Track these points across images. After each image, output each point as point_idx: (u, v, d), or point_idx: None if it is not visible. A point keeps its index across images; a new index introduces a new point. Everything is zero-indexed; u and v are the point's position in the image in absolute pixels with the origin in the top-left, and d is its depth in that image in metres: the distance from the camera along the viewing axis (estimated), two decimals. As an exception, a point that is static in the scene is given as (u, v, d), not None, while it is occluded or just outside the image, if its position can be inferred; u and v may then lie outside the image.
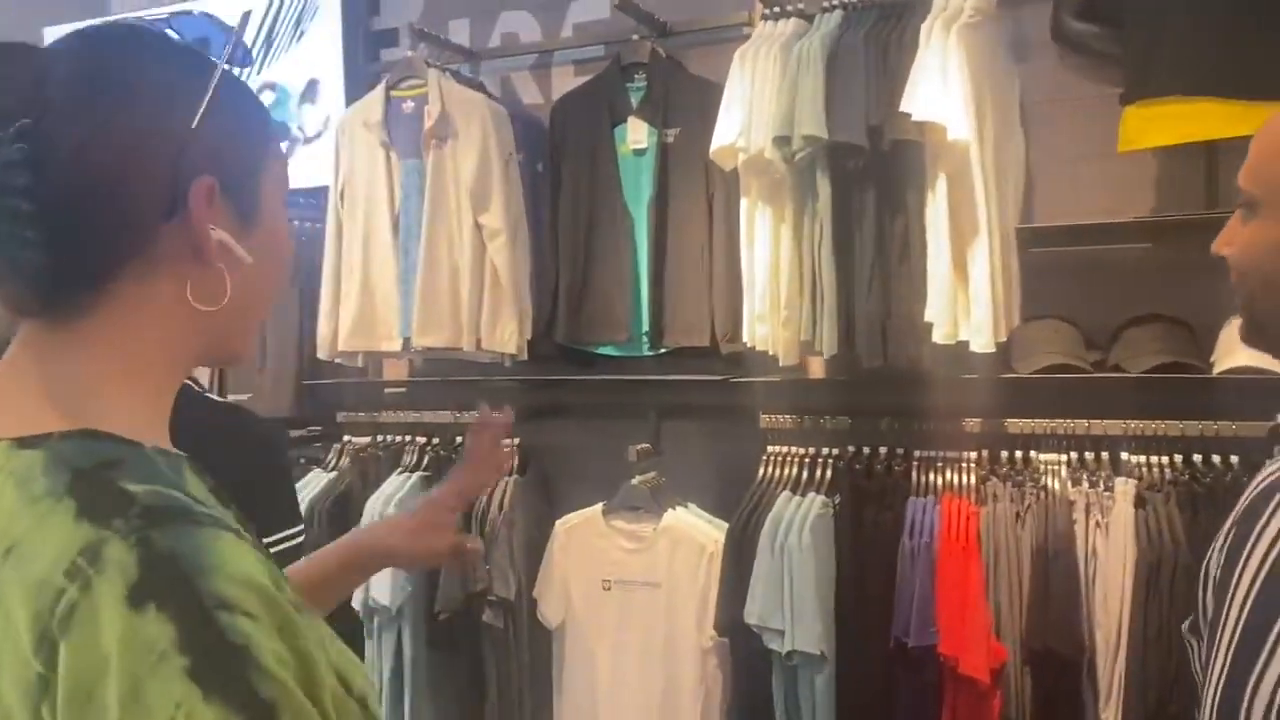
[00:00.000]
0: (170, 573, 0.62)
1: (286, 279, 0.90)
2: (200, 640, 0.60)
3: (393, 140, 2.98)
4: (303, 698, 0.63)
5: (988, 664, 2.23)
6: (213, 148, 0.73)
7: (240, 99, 0.78)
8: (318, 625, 0.69)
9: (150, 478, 0.68)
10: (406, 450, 3.07)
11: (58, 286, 0.71)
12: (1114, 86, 2.49)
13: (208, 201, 0.73)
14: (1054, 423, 2.43)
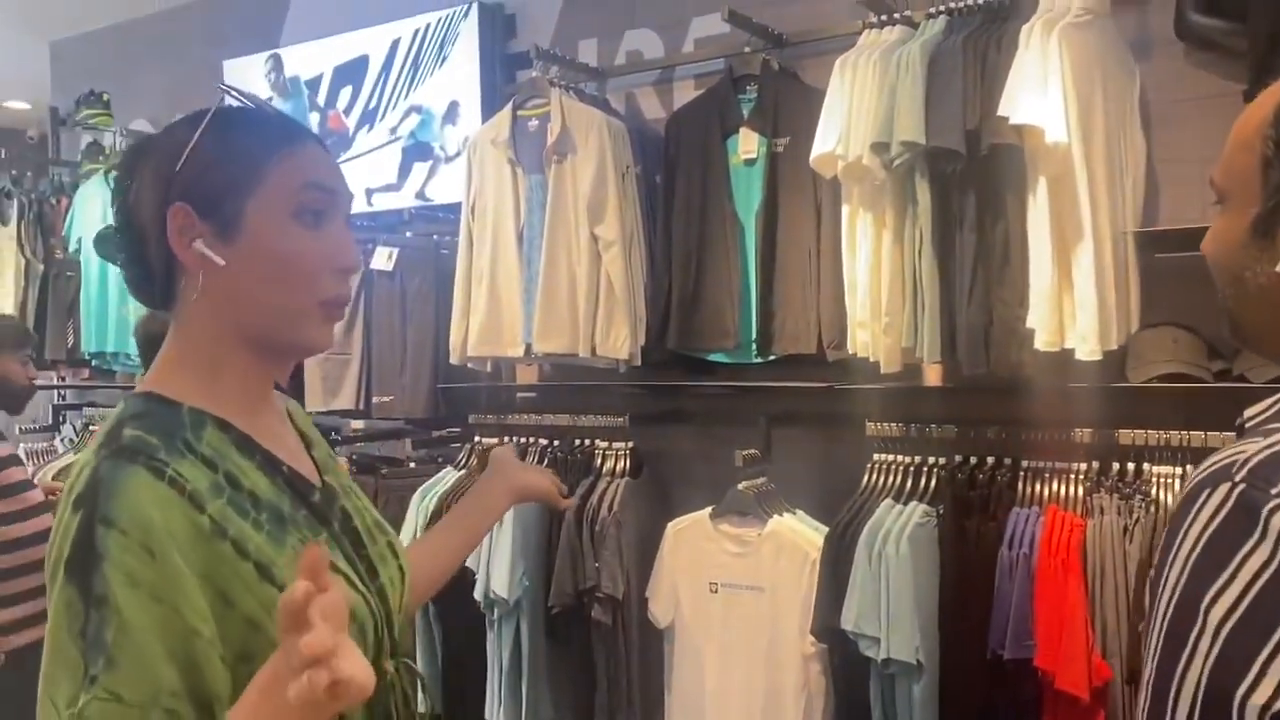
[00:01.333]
0: (93, 491, 0.88)
1: (297, 280, 1.01)
2: (81, 540, 0.86)
3: (519, 157, 3.14)
4: (142, 600, 0.84)
5: (1088, 680, 2.16)
6: (189, 182, 0.98)
7: (223, 144, 0.99)
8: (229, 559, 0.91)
9: (151, 428, 0.94)
10: (529, 450, 3.21)
11: (139, 294, 1.05)
12: (1241, 83, 2.38)
13: (186, 221, 0.98)
14: (1168, 434, 2.32)
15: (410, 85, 3.80)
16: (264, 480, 1.00)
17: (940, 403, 2.70)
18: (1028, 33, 2.26)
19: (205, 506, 0.92)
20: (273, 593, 0.91)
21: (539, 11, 3.64)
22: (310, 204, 1.01)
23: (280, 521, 0.98)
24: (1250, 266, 0.89)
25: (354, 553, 1.06)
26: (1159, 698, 0.76)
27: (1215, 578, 0.73)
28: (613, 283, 2.98)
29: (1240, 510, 0.74)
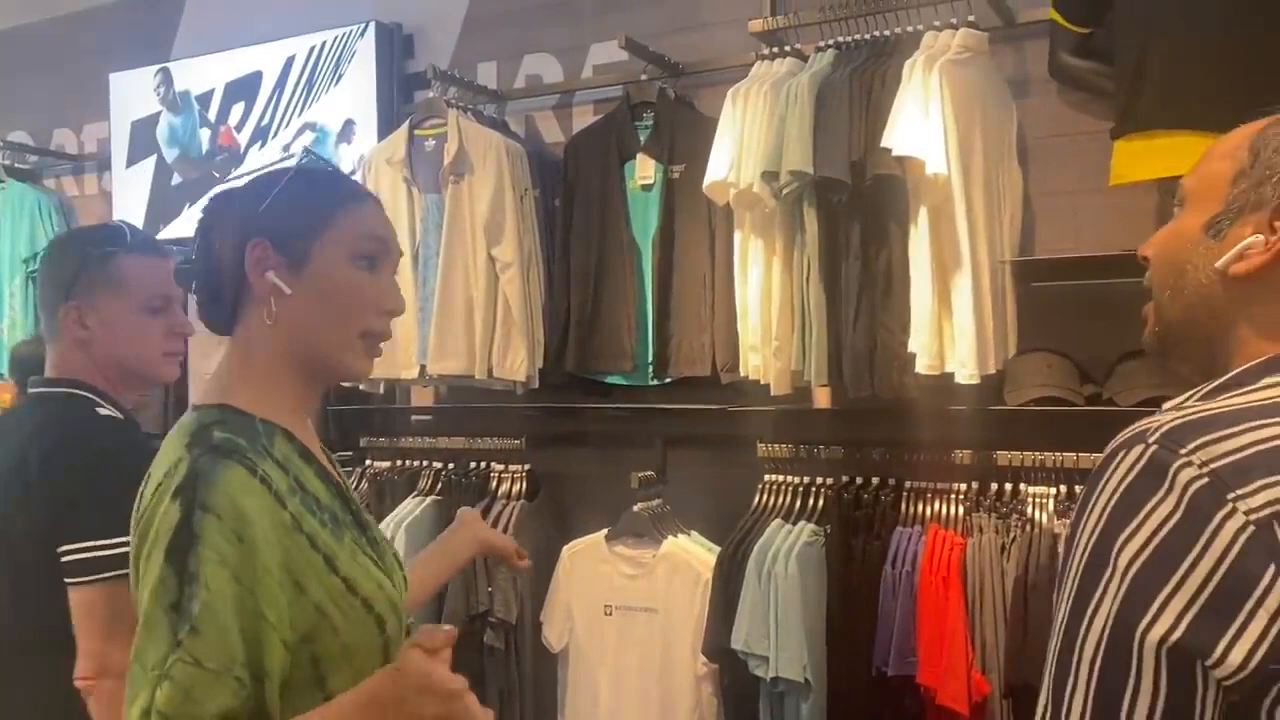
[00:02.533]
0: (192, 482, 1.02)
1: (349, 313, 1.17)
2: (181, 524, 1.00)
3: (415, 177, 3.12)
4: (226, 579, 0.99)
5: (968, 696, 2.23)
6: (271, 222, 1.15)
7: (302, 189, 1.18)
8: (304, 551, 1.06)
9: (235, 431, 1.09)
10: (423, 474, 3.17)
11: (208, 316, 1.21)
12: (1110, 122, 2.51)
13: (263, 254, 1.14)
14: (1043, 455, 2.42)
15: (305, 103, 3.75)
16: (320, 485, 1.16)
17: (828, 425, 2.76)
18: (910, 67, 2.34)
19: (286, 504, 1.07)
20: (336, 582, 1.08)
21: (438, 33, 3.63)
22: (366, 250, 1.17)
23: (337, 522, 1.14)
24: (1194, 261, 0.94)
25: (377, 553, 1.19)
26: (1069, 637, 0.81)
27: (1126, 526, 0.79)
28: (510, 304, 2.98)
29: (1152, 468, 0.80)
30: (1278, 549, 0.74)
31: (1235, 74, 2.15)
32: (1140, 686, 0.76)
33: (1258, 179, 0.90)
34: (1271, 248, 0.88)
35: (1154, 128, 2.27)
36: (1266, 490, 0.75)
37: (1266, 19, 2.17)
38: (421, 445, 3.27)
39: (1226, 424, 0.80)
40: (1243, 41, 2.17)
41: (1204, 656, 0.74)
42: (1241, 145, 0.93)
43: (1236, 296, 0.91)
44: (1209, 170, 0.96)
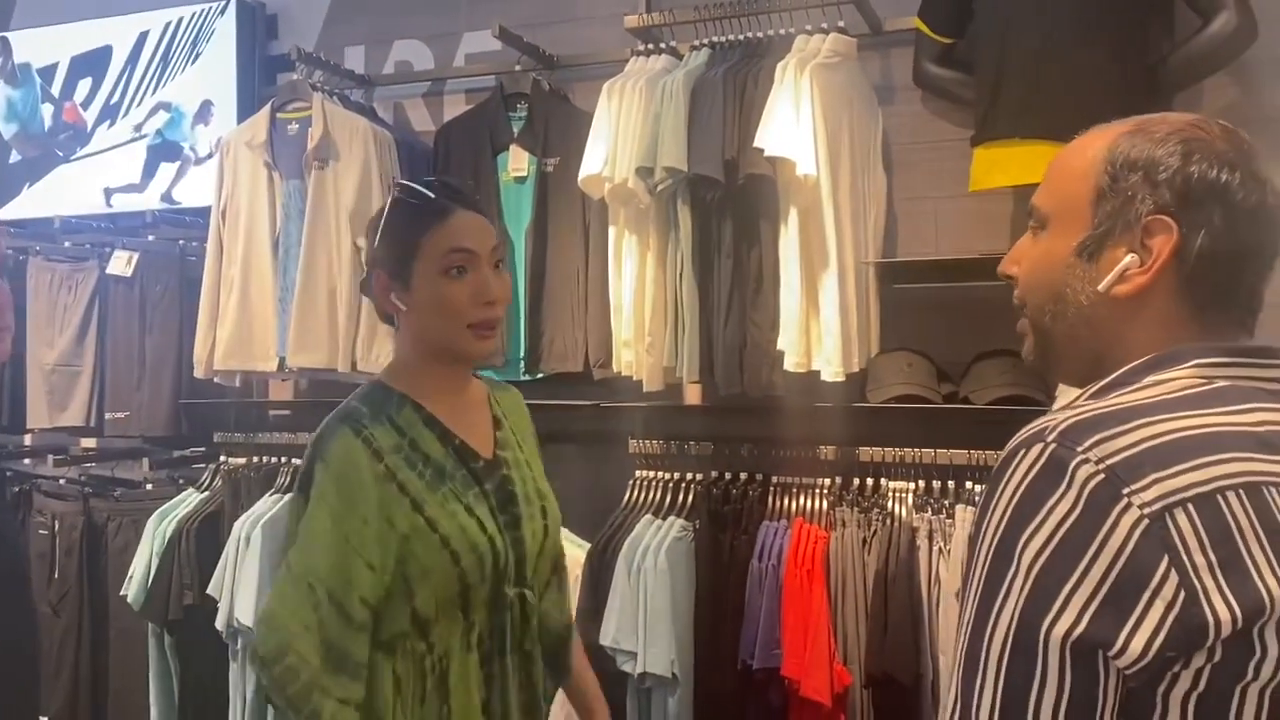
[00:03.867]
0: (320, 439, 1.38)
1: (448, 315, 1.41)
2: (307, 469, 1.37)
3: (276, 162, 3.00)
4: (323, 513, 1.33)
5: (830, 687, 2.27)
6: (382, 255, 1.44)
7: (395, 223, 1.43)
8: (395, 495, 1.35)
9: (367, 402, 1.42)
10: (281, 471, 3.05)
11: (382, 319, 1.53)
12: (970, 130, 2.60)
13: (383, 282, 1.43)
14: (903, 451, 2.49)
15: (158, 81, 3.56)
16: (438, 446, 1.43)
17: (699, 421, 2.78)
18: (782, 70, 2.38)
19: (384, 458, 1.36)
20: (420, 520, 1.36)
21: (303, 14, 3.51)
22: (453, 263, 1.39)
23: (440, 476, 1.41)
24: (1072, 285, 0.95)
25: (499, 506, 1.44)
26: (976, 634, 0.82)
27: (1028, 524, 0.81)
28: (375, 296, 2.89)
29: (1051, 466, 0.81)
30: (1171, 541, 0.76)
31: (1086, 87, 2.26)
32: (1046, 680, 0.78)
33: (1122, 200, 0.91)
34: (1150, 268, 0.90)
35: (1011, 136, 2.36)
36: (1158, 484, 0.78)
37: (1111, 44, 2.29)
38: (281, 441, 3.14)
39: (1119, 421, 0.82)
40: (1092, 58, 2.28)
41: (1106, 647, 0.76)
42: (1095, 165, 0.94)
43: (1119, 315, 0.93)
44: (1065, 191, 0.96)
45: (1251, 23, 2.25)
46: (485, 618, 1.41)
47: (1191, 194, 0.88)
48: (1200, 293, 0.90)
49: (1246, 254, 0.89)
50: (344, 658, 1.29)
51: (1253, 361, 0.89)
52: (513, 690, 1.41)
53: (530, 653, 1.46)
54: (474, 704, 1.39)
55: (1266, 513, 0.79)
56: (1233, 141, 0.90)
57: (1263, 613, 0.76)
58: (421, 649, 1.36)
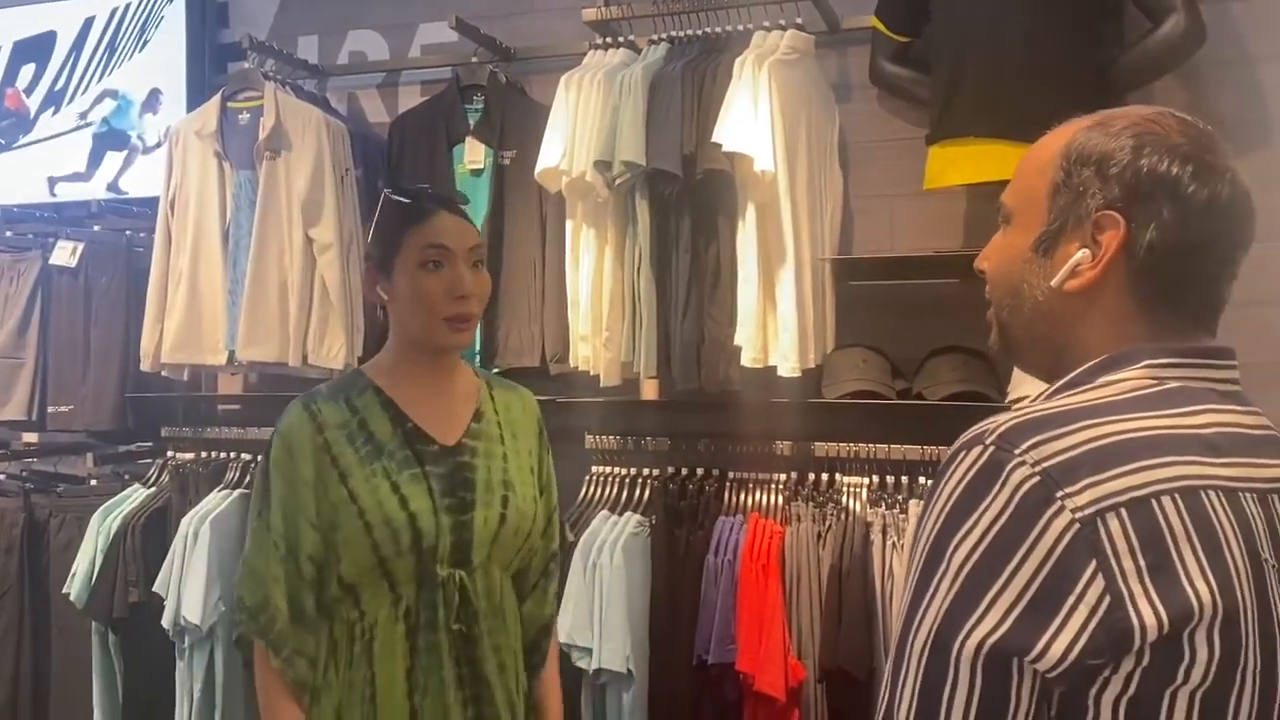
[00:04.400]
0: (283, 415, 1.54)
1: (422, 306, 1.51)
2: (271, 439, 1.52)
3: (227, 151, 2.94)
4: (276, 476, 1.48)
5: (784, 682, 2.28)
6: (372, 248, 1.60)
7: (383, 219, 1.56)
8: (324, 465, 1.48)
9: (334, 384, 1.60)
10: (230, 467, 3.00)
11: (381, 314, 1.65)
12: (925, 129, 2.62)
13: (371, 274, 1.58)
14: (857, 446, 2.51)
15: (105, 68, 3.48)
16: (387, 427, 1.53)
17: (655, 416, 2.78)
18: (740, 65, 2.38)
19: (325, 432, 1.50)
20: (344, 491, 1.47)
21: (255, 2, 3.45)
22: (431, 257, 1.50)
23: (378, 453, 1.50)
24: (1029, 280, 0.95)
25: (445, 489, 1.52)
26: (905, 633, 0.82)
27: (961, 525, 0.80)
28: (328, 288, 2.85)
29: (988, 468, 0.81)
30: (1100, 545, 0.76)
31: (1040, 87, 2.29)
32: (958, 682, 0.78)
33: (1074, 195, 0.91)
34: (1100, 261, 0.90)
35: (966, 135, 2.38)
36: (1092, 488, 0.78)
37: (1064, 44, 2.31)
38: (229, 436, 3.09)
39: (1060, 423, 0.82)
40: (1046, 59, 2.31)
41: (1023, 654, 0.76)
42: (1052, 160, 0.94)
43: (1072, 309, 0.93)
44: (1026, 186, 0.97)
45: (1200, 26, 2.29)
46: (413, 593, 1.48)
47: (1141, 188, 0.88)
48: (1151, 288, 0.89)
49: (1199, 248, 0.88)
50: (301, 610, 1.46)
51: (1205, 362, 0.89)
52: (447, 666, 1.47)
53: (471, 634, 1.50)
54: (398, 673, 1.46)
55: (1202, 517, 0.79)
56: (1190, 134, 0.89)
57: (1191, 617, 0.76)
58: (354, 615, 1.48)
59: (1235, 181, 0.89)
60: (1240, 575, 0.79)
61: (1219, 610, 0.77)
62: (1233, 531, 0.80)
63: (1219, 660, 0.77)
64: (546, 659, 1.70)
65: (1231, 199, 0.88)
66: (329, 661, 1.47)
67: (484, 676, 1.50)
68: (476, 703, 1.50)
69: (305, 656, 1.45)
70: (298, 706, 1.45)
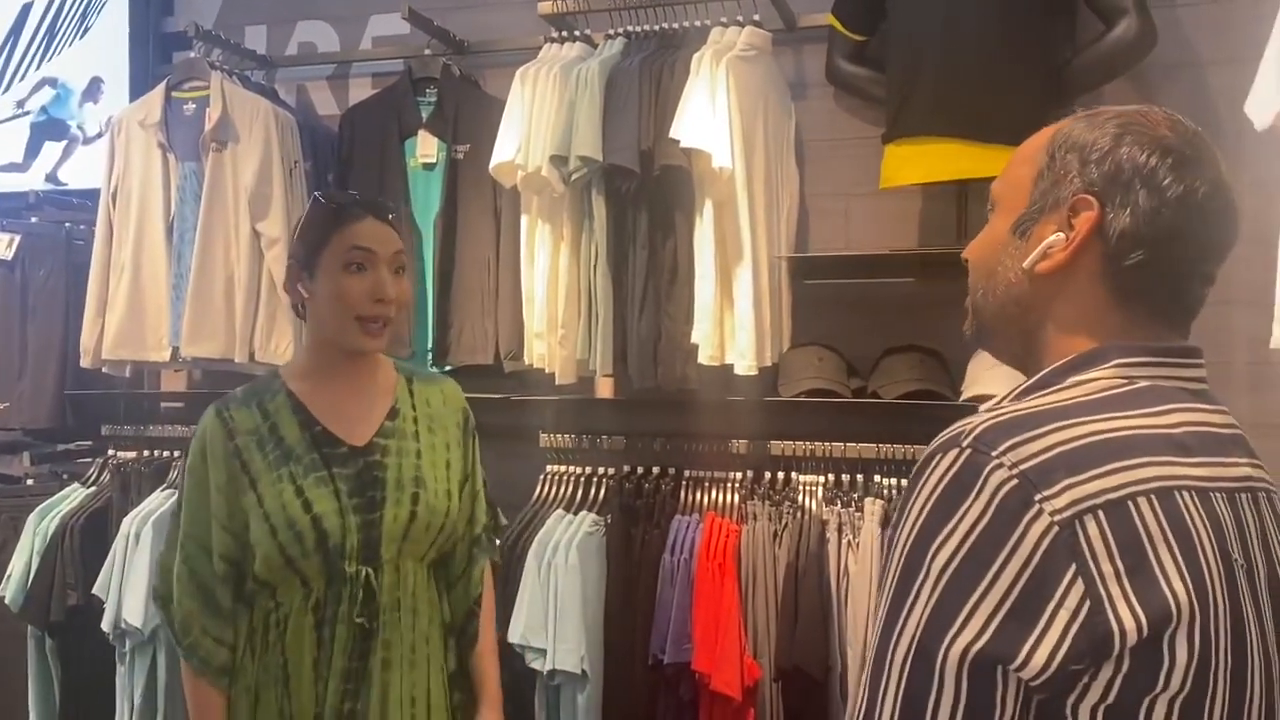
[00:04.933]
0: (201, 419, 1.59)
1: (341, 306, 1.55)
2: (189, 445, 1.60)
3: (171, 142, 2.87)
4: (190, 480, 1.56)
5: (740, 681, 2.27)
6: (297, 246, 1.60)
7: (312, 219, 1.59)
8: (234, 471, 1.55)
9: (250, 388, 1.62)
10: (173, 466, 2.92)
11: (297, 314, 1.69)
12: (881, 128, 2.62)
13: (294, 271, 1.60)
14: (813, 445, 2.50)
15: (44, 55, 3.39)
16: (296, 432, 1.57)
17: (610, 415, 2.75)
18: (698, 61, 2.36)
19: (235, 438, 1.56)
20: (252, 496, 1.53)
21: (202, -10, 3.37)
22: (354, 259, 1.54)
23: (286, 458, 1.55)
24: (1004, 262, 0.95)
25: (354, 490, 1.56)
26: (884, 640, 0.81)
27: (940, 530, 0.79)
28: (276, 284, 2.79)
29: (966, 470, 0.80)
30: (1079, 549, 0.75)
31: (996, 88, 2.30)
32: (943, 692, 0.76)
33: (1055, 179, 0.92)
34: (1071, 243, 0.90)
35: (922, 134, 2.39)
36: (1069, 490, 0.77)
37: (1019, 45, 2.33)
38: (173, 434, 3.01)
39: (1035, 424, 0.81)
40: (1002, 59, 2.32)
41: (1007, 661, 0.75)
42: (1040, 149, 0.95)
43: (1043, 293, 0.93)
44: (1013, 175, 0.98)
45: (1152, 29, 2.32)
46: (323, 587, 1.55)
47: (1119, 174, 0.88)
48: (1123, 278, 0.88)
49: (1171, 241, 0.87)
50: (216, 604, 1.55)
51: (1175, 361, 0.89)
52: (338, 657, 1.53)
53: (370, 627, 1.54)
54: (306, 661, 1.54)
55: (1177, 518, 0.78)
56: (1176, 130, 0.89)
57: (1170, 620, 0.75)
58: (270, 605, 1.55)
59: (1217, 182, 0.89)
60: (1213, 576, 0.78)
61: (1195, 612, 0.76)
62: (1205, 532, 0.80)
63: (1196, 664, 0.76)
64: (478, 637, 1.73)
65: (1209, 197, 0.88)
66: (247, 646, 1.56)
67: (368, 671, 1.55)
68: (354, 697, 1.55)
69: (223, 645, 1.55)
70: (215, 689, 1.55)
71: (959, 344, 2.50)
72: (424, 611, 1.62)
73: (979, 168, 2.34)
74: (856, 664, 2.29)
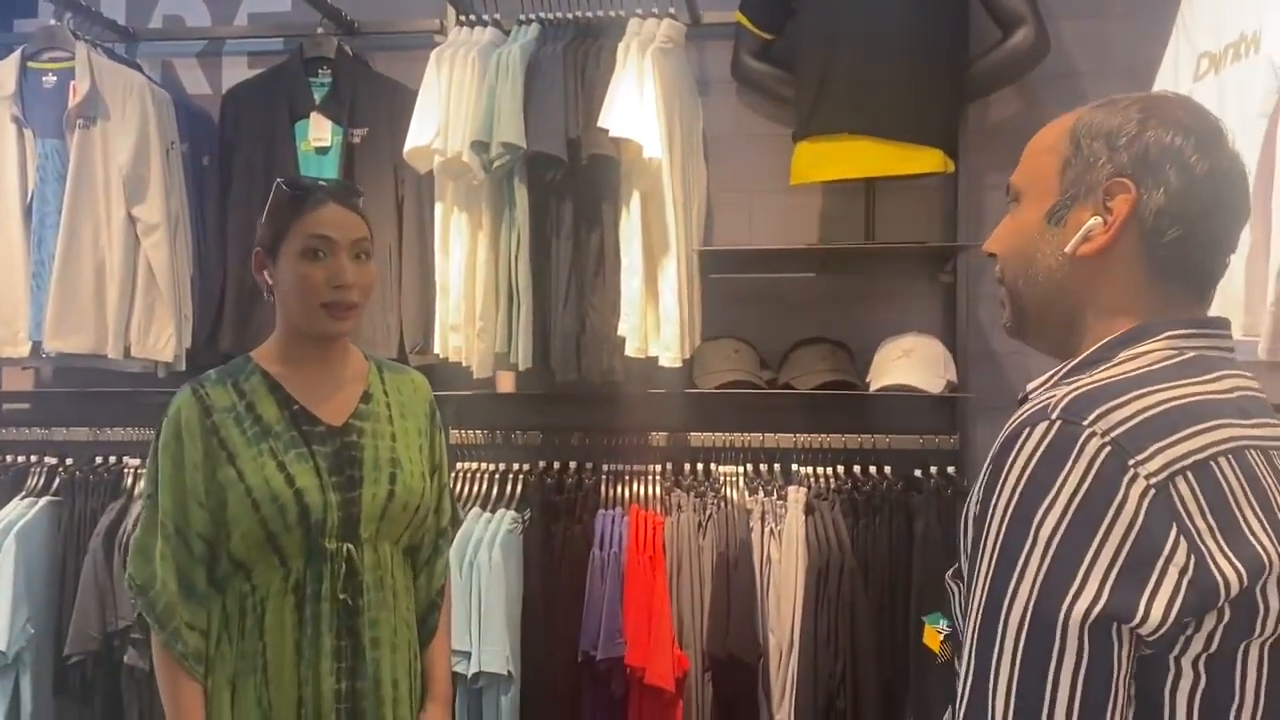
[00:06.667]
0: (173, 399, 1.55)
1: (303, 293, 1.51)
2: (160, 426, 1.53)
3: (28, 117, 2.61)
4: (164, 458, 1.50)
5: (673, 673, 2.26)
6: (261, 233, 1.56)
7: (275, 206, 1.54)
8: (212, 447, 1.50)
9: (222, 369, 1.59)
10: (33, 473, 2.66)
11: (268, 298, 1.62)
12: (784, 126, 2.68)
13: (259, 259, 1.57)
14: (732, 436, 2.53)
15: None
16: (274, 410, 1.55)
17: (525, 409, 2.69)
18: (624, 51, 2.35)
19: (212, 415, 1.52)
20: (231, 472, 1.50)
21: (50, -48, 3.07)
22: (313, 246, 1.51)
23: (265, 434, 1.53)
24: (1042, 249, 0.99)
25: (332, 467, 1.54)
26: (990, 613, 0.82)
27: (1042, 500, 0.82)
28: (154, 273, 2.58)
29: (1060, 440, 0.83)
30: (1176, 509, 0.80)
31: (909, 88, 2.39)
32: (1064, 654, 0.79)
33: (1084, 166, 0.96)
34: (1111, 226, 0.94)
35: (836, 132, 2.45)
36: (1161, 454, 0.81)
37: (929, 48, 2.43)
38: (27, 438, 2.74)
39: (1116, 393, 0.85)
40: (914, 61, 2.41)
41: (1126, 619, 0.78)
42: (1061, 138, 0.99)
43: (1084, 276, 0.97)
44: (1035, 165, 1.01)
45: (1046, 39, 2.46)
46: (302, 565, 1.51)
47: (1148, 156, 0.92)
48: (1160, 253, 0.93)
49: (1203, 215, 0.93)
50: (191, 586, 1.50)
51: (1214, 332, 0.95)
52: (326, 636, 1.50)
53: (354, 605, 1.52)
54: (287, 643, 1.50)
55: (1252, 475, 0.84)
56: (1191, 111, 0.95)
57: (1263, 571, 0.80)
58: (246, 589, 1.51)
59: (1234, 156, 0.95)
60: None
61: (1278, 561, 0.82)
62: (1275, 487, 0.86)
63: None
64: (436, 630, 1.71)
65: (1229, 171, 0.94)
66: (222, 634, 1.52)
67: (361, 649, 1.53)
68: (351, 675, 1.52)
69: (196, 630, 1.50)
70: (192, 679, 1.49)
71: (862, 336, 2.63)
72: (402, 595, 1.61)
73: (892, 165, 2.43)
74: (778, 649, 2.34)
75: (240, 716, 1.50)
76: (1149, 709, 0.82)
